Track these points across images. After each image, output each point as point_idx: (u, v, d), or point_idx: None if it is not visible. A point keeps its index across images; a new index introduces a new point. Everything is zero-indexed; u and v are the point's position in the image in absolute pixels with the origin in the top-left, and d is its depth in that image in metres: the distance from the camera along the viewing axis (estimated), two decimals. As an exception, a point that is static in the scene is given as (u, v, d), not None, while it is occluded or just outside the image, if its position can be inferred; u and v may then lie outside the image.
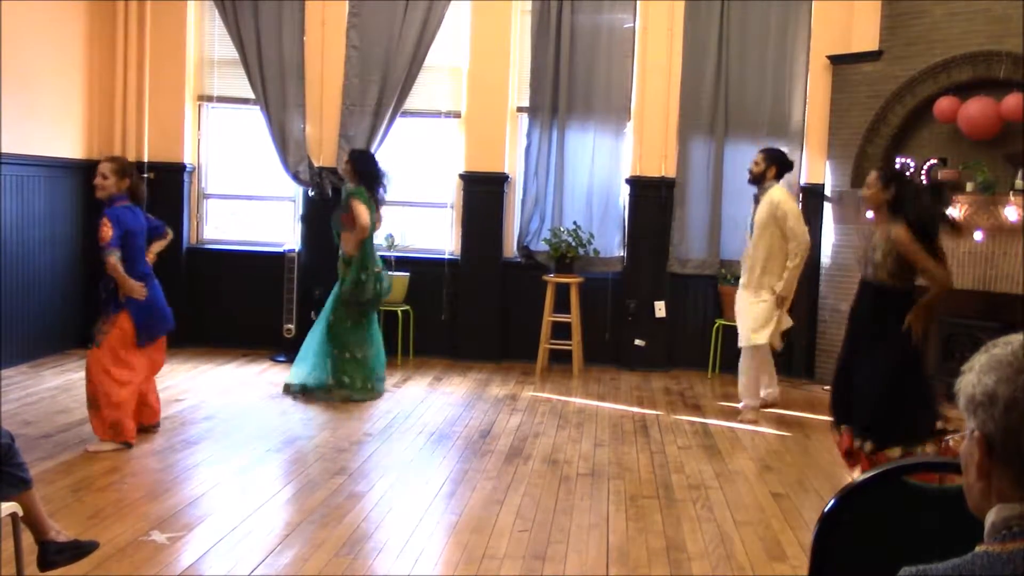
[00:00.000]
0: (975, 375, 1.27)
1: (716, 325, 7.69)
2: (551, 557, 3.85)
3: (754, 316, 6.23)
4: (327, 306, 6.56)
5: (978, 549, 1.23)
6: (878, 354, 4.60)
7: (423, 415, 6.15)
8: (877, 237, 4.65)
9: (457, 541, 4.01)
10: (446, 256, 8.07)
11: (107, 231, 4.99)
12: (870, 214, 5.27)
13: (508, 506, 4.44)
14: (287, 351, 7.71)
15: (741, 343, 6.35)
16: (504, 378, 7.41)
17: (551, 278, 7.63)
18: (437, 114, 8.11)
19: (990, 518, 1.25)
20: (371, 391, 6.50)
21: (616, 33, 7.82)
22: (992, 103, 6.44)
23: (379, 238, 7.31)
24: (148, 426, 5.41)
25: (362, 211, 6.30)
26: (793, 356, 7.56)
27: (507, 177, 8.01)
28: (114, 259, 4.99)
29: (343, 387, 6.42)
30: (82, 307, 7.57)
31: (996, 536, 1.23)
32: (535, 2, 7.79)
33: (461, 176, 8.01)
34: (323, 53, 7.91)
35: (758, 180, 6.25)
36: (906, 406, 4.57)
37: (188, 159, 8.16)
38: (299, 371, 6.52)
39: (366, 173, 6.51)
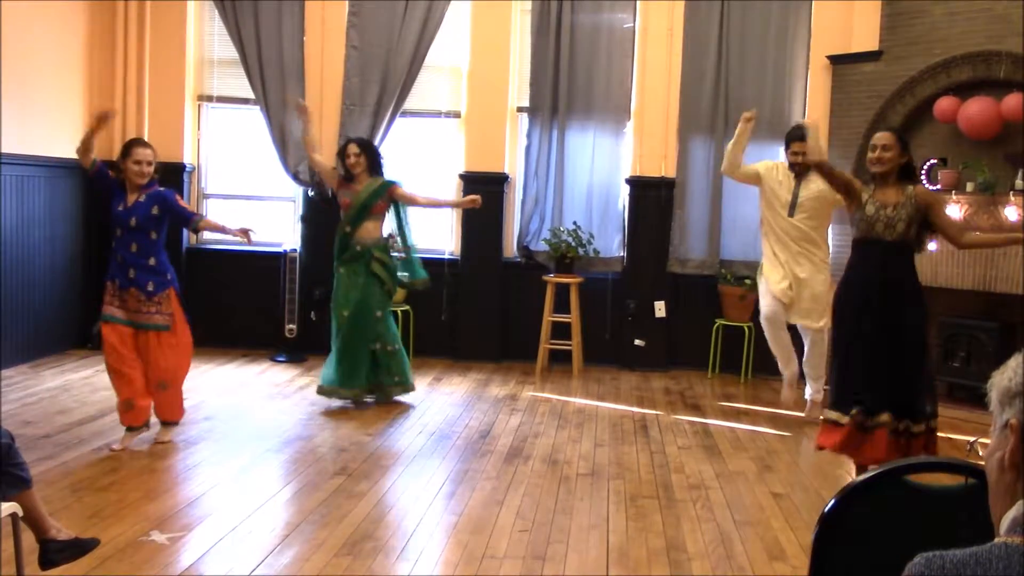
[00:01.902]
0: (1012, 370, 1.29)
1: (716, 325, 7.69)
2: (551, 557, 3.85)
3: (828, 300, 6.09)
4: (368, 309, 6.20)
5: (997, 540, 1.23)
6: (921, 318, 4.62)
7: (423, 415, 6.15)
8: (888, 197, 4.57)
9: (457, 541, 4.01)
10: (446, 256, 8.07)
11: (183, 203, 5.46)
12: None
13: (508, 506, 4.44)
14: (287, 351, 7.72)
15: (819, 324, 6.14)
16: (504, 378, 7.41)
17: (551, 278, 7.63)
18: (437, 114, 8.11)
19: (1012, 513, 1.25)
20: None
21: (616, 33, 7.82)
22: (992, 103, 6.44)
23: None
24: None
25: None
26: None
27: (507, 177, 8.01)
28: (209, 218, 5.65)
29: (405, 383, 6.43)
30: (82, 307, 7.57)
31: (1017, 529, 1.23)
32: (535, 2, 7.79)
33: (461, 176, 8.01)
34: (323, 53, 7.92)
35: (803, 171, 6.08)
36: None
37: (188, 159, 8.17)
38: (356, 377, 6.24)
39: (378, 164, 6.42)
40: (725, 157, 6.39)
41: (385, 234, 6.47)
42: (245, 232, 5.49)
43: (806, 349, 6.33)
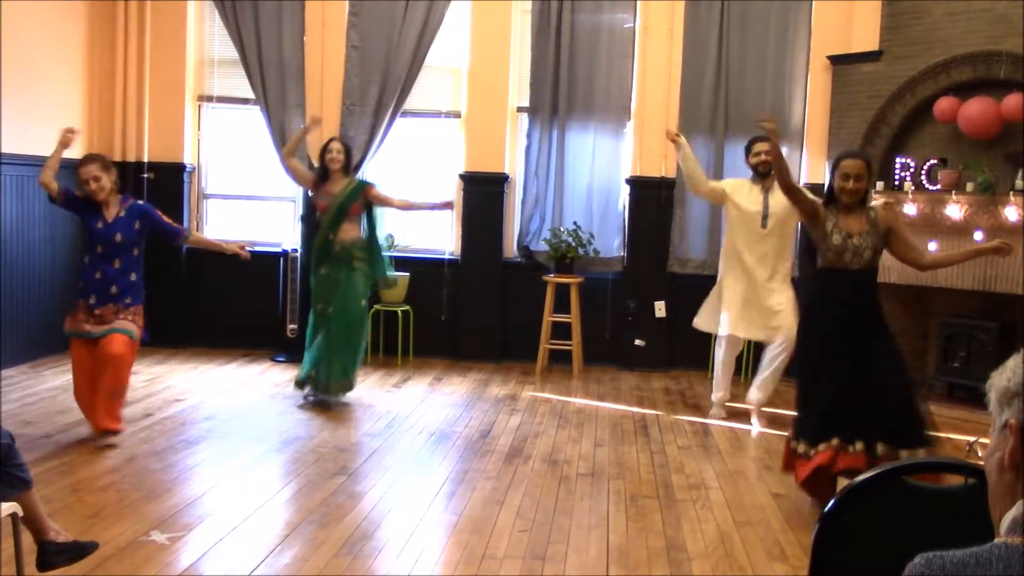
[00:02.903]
0: (1011, 370, 1.29)
1: (716, 325, 7.69)
2: (551, 557, 3.85)
3: (795, 312, 5.99)
4: (353, 297, 6.25)
5: (997, 540, 1.23)
6: (892, 343, 4.49)
7: (423, 415, 6.15)
8: (852, 225, 4.41)
9: (457, 541, 4.01)
10: (446, 256, 8.07)
11: (167, 218, 5.45)
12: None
13: (508, 506, 4.44)
14: (288, 351, 7.72)
15: (788, 339, 5.86)
16: (504, 378, 7.41)
17: (551, 278, 7.63)
18: (437, 114, 8.11)
19: (1012, 513, 1.25)
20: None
21: (616, 33, 7.81)
22: (992, 103, 6.43)
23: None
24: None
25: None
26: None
27: (507, 177, 8.01)
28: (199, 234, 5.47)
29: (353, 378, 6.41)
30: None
31: (1017, 529, 1.23)
32: (535, 2, 7.79)
33: (461, 176, 8.01)
34: (323, 53, 7.91)
35: (769, 171, 6.06)
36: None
37: (188, 159, 8.16)
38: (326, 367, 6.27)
39: (351, 165, 6.57)
40: (688, 178, 6.32)
41: (363, 235, 6.45)
42: (242, 248, 5.50)
43: (772, 364, 6.15)
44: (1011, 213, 6.30)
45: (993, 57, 6.49)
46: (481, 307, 7.99)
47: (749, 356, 7.56)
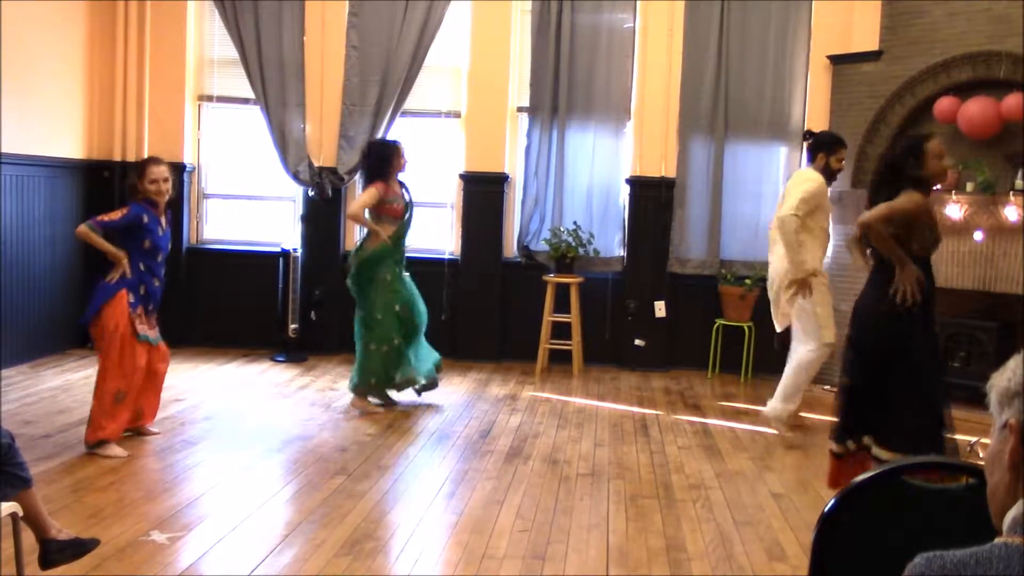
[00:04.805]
0: (1011, 371, 1.29)
1: (716, 325, 7.69)
2: (551, 557, 3.85)
3: None
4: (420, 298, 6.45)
5: (998, 540, 1.23)
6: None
7: (423, 415, 6.15)
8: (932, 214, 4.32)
9: (457, 541, 4.01)
10: (446, 256, 8.07)
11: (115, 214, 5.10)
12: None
13: (508, 506, 4.44)
14: (288, 351, 7.72)
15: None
16: (504, 378, 7.41)
17: (551, 278, 7.63)
18: (437, 114, 8.11)
19: (1012, 513, 1.25)
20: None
21: (616, 33, 7.82)
22: (992, 103, 6.44)
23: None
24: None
25: None
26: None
27: (507, 177, 8.01)
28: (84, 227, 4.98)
29: None
30: (82, 307, 7.55)
31: (1017, 529, 1.23)
32: (535, 2, 7.79)
33: (461, 176, 8.01)
34: (323, 53, 7.92)
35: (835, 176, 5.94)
36: None
37: (188, 159, 8.16)
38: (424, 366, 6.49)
39: None
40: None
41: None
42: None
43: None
44: (1011, 213, 6.31)
45: (993, 57, 6.49)
46: (481, 307, 7.99)
47: (749, 353, 7.57)
